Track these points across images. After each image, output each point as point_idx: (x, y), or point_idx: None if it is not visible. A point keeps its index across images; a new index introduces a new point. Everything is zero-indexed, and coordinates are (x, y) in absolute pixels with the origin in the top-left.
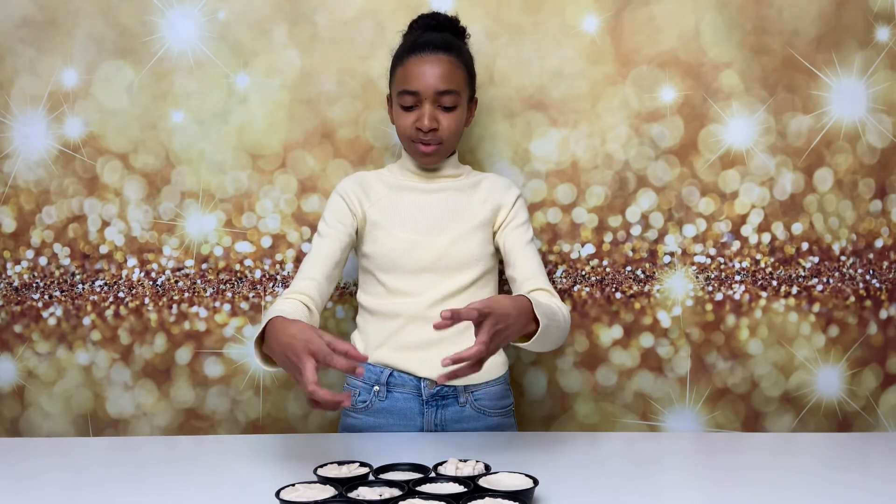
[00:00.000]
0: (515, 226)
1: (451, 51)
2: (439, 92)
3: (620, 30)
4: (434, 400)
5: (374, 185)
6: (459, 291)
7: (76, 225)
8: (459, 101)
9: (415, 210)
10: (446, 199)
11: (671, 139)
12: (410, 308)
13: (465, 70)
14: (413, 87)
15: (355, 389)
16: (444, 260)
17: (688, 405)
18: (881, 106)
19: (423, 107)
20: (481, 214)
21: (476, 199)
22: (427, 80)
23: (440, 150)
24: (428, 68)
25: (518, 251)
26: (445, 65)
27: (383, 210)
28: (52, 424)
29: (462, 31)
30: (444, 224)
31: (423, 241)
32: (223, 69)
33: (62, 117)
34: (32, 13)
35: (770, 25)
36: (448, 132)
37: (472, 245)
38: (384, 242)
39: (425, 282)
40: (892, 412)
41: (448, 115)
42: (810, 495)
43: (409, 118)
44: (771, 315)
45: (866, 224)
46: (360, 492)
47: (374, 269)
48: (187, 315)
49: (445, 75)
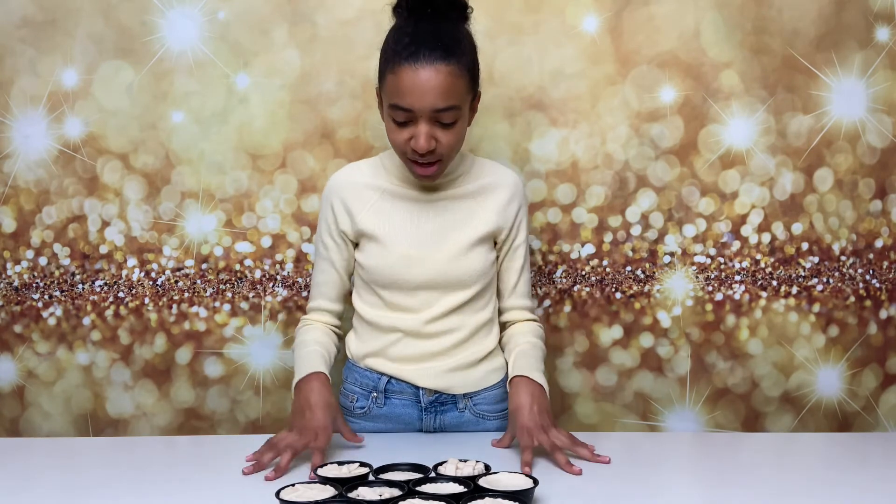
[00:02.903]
0: (515, 247)
1: (451, 57)
2: (437, 110)
3: (620, 30)
4: (433, 406)
5: (364, 191)
6: (460, 306)
7: (76, 225)
8: (460, 115)
9: (411, 223)
10: (445, 209)
11: (671, 139)
12: (408, 324)
13: (467, 76)
14: (406, 104)
15: (353, 395)
16: (444, 277)
17: (688, 405)
18: (881, 106)
19: (419, 125)
20: (484, 227)
21: (479, 208)
22: (423, 97)
23: (439, 168)
24: (424, 82)
25: (510, 273)
26: (444, 77)
27: (375, 221)
28: (52, 424)
29: (463, 6)
30: (443, 238)
31: (420, 256)
32: (223, 69)
33: (62, 117)
34: (32, 13)
35: (770, 25)
36: (448, 149)
37: (472, 262)
38: (379, 258)
39: (424, 298)
40: (892, 412)
41: (447, 131)
42: (810, 495)
43: (403, 134)
44: (771, 315)
45: (866, 224)
46: (360, 492)
47: (370, 281)
48: (187, 315)
49: (444, 90)
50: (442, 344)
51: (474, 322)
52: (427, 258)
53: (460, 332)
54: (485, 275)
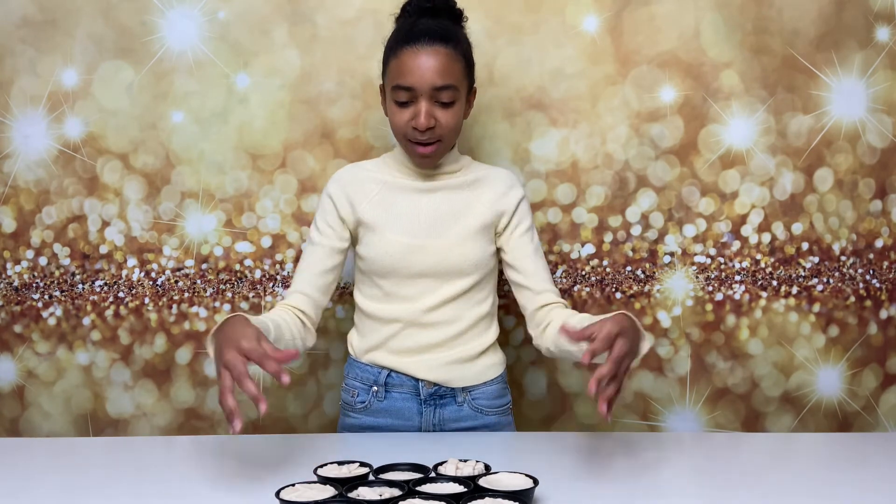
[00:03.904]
0: (521, 232)
1: (449, 41)
2: (436, 87)
3: (620, 30)
4: (432, 400)
5: (366, 183)
6: (458, 296)
7: (76, 225)
8: (458, 96)
9: (410, 212)
10: (444, 200)
11: (671, 139)
12: (408, 313)
13: (463, 62)
14: (407, 83)
15: (354, 390)
16: (443, 265)
17: (688, 405)
18: (881, 106)
19: (419, 103)
20: (482, 217)
21: (476, 199)
22: (423, 75)
23: (439, 148)
24: (424, 61)
25: (526, 259)
26: (442, 57)
27: (376, 211)
28: (52, 424)
29: (459, 14)
30: (441, 227)
31: (419, 245)
32: (223, 69)
33: (62, 117)
34: (32, 13)
35: (770, 25)
36: (446, 129)
37: (471, 250)
38: (379, 246)
39: (423, 286)
40: (892, 412)
41: (446, 111)
42: (810, 495)
43: (404, 115)
44: (771, 315)
45: (866, 224)
46: (360, 492)
47: (369, 272)
48: (187, 315)
49: (442, 69)
50: (441, 335)
51: (473, 314)
52: (427, 246)
53: (459, 324)
54: (483, 264)
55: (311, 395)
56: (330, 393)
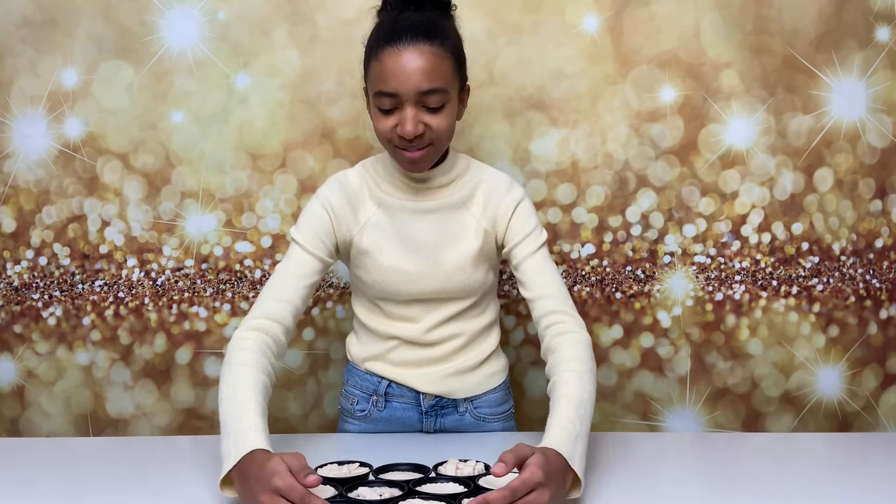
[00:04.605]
0: (520, 239)
1: (435, 37)
2: (422, 92)
3: (620, 30)
4: (433, 410)
5: (363, 202)
6: (459, 314)
7: (76, 225)
8: (447, 99)
9: (408, 238)
10: (441, 221)
11: (671, 139)
12: (407, 332)
13: (452, 59)
14: (390, 88)
15: (354, 398)
16: (443, 292)
17: (688, 405)
18: (881, 106)
19: (405, 110)
20: (480, 236)
21: (473, 216)
22: (407, 79)
23: (429, 152)
24: (408, 63)
25: (529, 270)
26: (428, 58)
27: (373, 236)
28: (52, 424)
29: (447, 3)
30: (440, 253)
31: (418, 272)
32: (223, 69)
33: (62, 117)
34: (32, 13)
35: (770, 25)
36: (437, 134)
37: (471, 274)
38: (376, 274)
39: (422, 308)
40: (892, 412)
41: (435, 115)
42: (810, 495)
43: (389, 122)
44: (771, 315)
45: (866, 224)
46: (360, 492)
47: (367, 292)
48: (187, 315)
49: (429, 71)
50: (442, 350)
51: (474, 327)
52: (426, 274)
53: (460, 339)
54: (485, 284)
55: (311, 395)
56: (330, 393)
